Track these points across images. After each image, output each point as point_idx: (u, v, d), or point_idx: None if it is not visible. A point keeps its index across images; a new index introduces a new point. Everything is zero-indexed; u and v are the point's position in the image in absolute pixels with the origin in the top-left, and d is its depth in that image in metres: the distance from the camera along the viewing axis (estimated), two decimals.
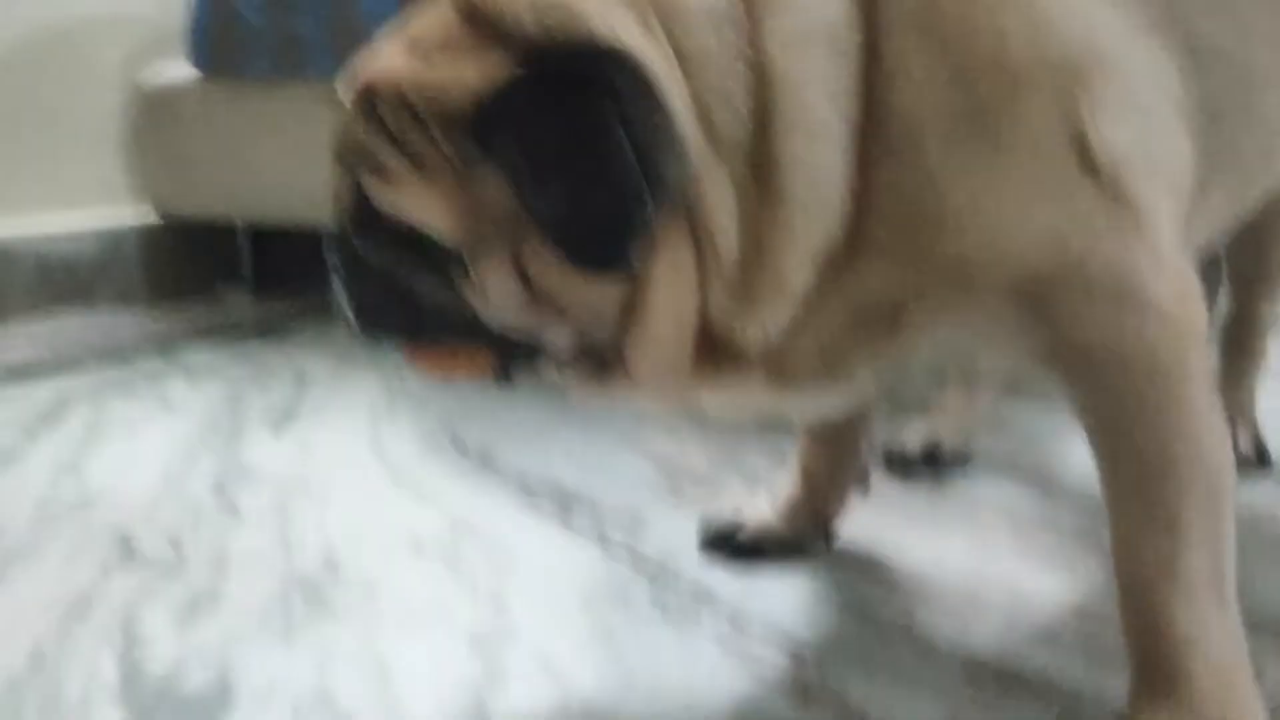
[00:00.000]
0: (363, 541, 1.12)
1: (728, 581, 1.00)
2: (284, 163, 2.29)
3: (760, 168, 0.71)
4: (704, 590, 0.98)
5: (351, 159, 0.73)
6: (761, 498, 1.07)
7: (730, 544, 1.04)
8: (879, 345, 0.76)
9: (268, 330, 2.25)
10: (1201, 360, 0.72)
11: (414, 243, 0.71)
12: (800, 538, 1.04)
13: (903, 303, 0.74)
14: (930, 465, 1.21)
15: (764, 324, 0.74)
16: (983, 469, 1.22)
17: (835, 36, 0.71)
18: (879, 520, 1.09)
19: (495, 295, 0.71)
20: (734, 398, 0.80)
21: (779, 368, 0.77)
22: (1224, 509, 0.70)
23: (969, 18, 0.71)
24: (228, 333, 2.23)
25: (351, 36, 2.02)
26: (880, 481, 1.18)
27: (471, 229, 0.70)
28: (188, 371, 1.90)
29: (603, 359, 0.75)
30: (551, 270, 0.70)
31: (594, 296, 0.71)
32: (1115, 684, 0.78)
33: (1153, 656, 0.70)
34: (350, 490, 1.28)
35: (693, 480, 1.25)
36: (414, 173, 0.70)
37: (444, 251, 0.71)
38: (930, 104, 0.70)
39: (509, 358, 0.76)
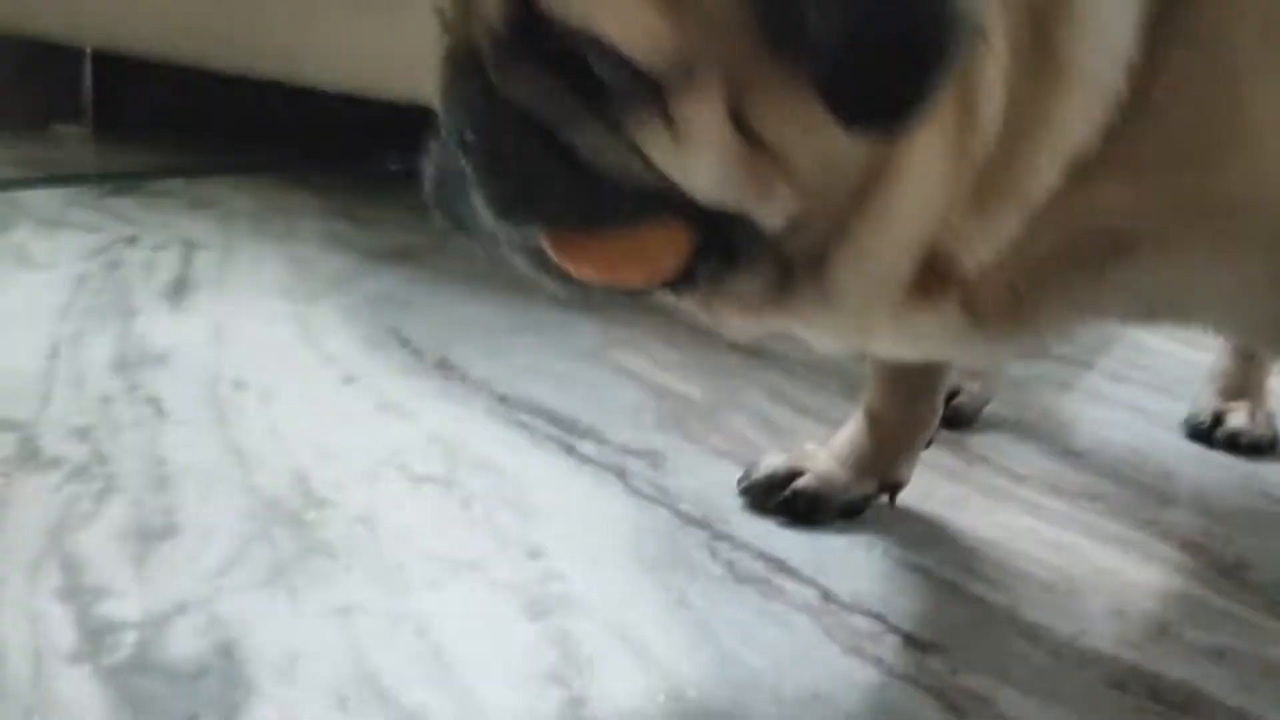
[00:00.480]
0: (334, 459, 0.92)
1: (789, 539, 0.87)
2: None
3: (1045, 24, 0.55)
4: (771, 553, 0.84)
5: None
6: (812, 446, 0.94)
7: (783, 495, 0.90)
8: (1079, 288, 0.63)
9: (118, 178, 1.93)
10: None
11: (587, 69, 0.51)
12: (865, 494, 0.91)
13: (1129, 237, 0.60)
14: (950, 426, 1.11)
15: (988, 239, 0.59)
16: (1007, 436, 1.13)
17: None
18: (921, 482, 0.98)
19: (701, 144, 0.52)
20: (915, 337, 0.66)
21: (971, 303, 0.63)
22: None
23: None
24: (71, 180, 1.89)
25: None
26: None
27: (682, 44, 0.50)
28: (37, 221, 1.59)
29: (792, 267, 0.59)
30: (783, 112, 0.52)
31: (833, 155, 0.53)
32: (1258, 697, 0.71)
33: None
34: (293, 388, 1.07)
35: (694, 413, 1.10)
36: None
37: (632, 81, 0.51)
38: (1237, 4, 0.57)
39: (709, 241, 0.56)
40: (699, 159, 0.52)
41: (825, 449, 0.92)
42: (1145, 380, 1.32)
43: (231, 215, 1.74)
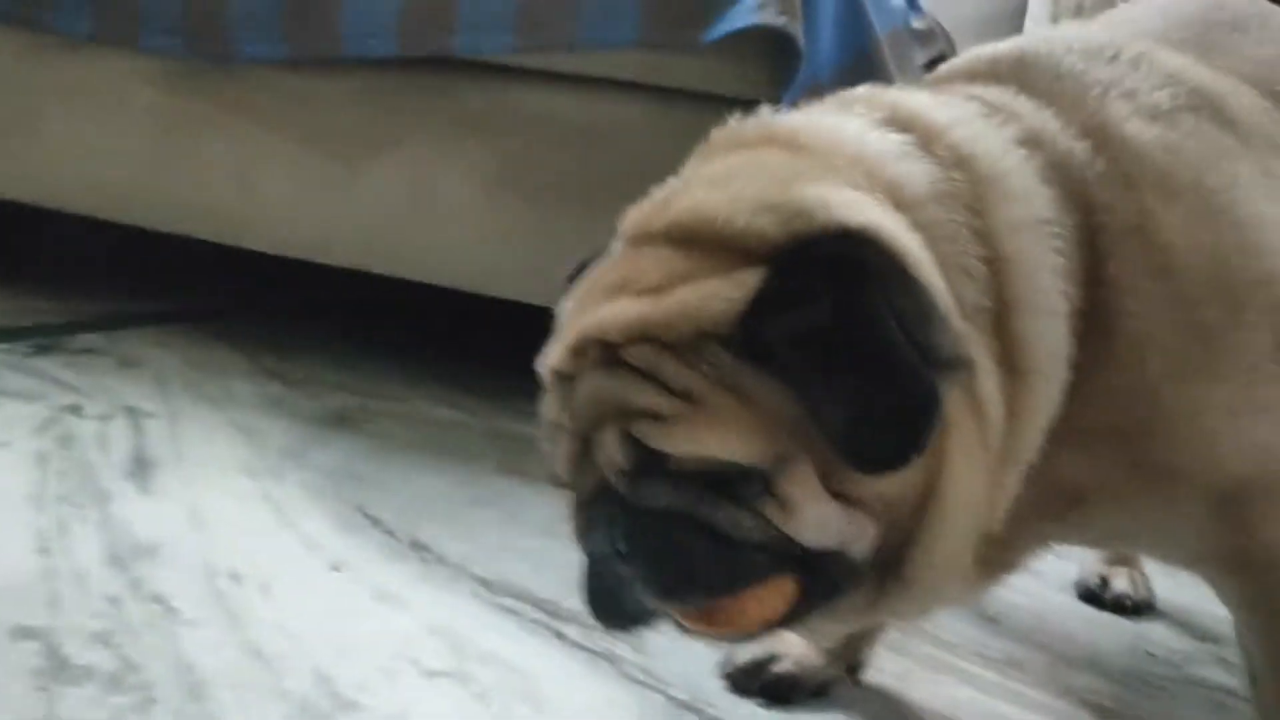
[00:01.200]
0: (349, 655, 0.99)
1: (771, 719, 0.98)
2: (76, 142, 1.98)
3: (1005, 345, 0.70)
4: None
5: (609, 415, 0.67)
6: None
7: (764, 679, 1.01)
8: (1049, 529, 0.78)
9: (36, 333, 1.93)
10: None
11: (709, 477, 0.66)
12: (834, 675, 1.03)
13: (1089, 491, 0.76)
14: None
15: (1005, 503, 0.73)
16: None
17: (1050, 228, 0.72)
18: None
19: (805, 509, 0.66)
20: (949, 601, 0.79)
21: (979, 562, 0.76)
22: None
23: (1187, 233, 0.74)
24: None
25: (207, 14, 1.78)
26: None
27: (767, 446, 0.65)
28: None
29: (884, 572, 0.71)
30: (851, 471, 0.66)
31: (895, 486, 0.67)
32: None
33: None
34: (287, 579, 1.12)
35: None
36: (691, 406, 0.65)
37: (743, 478, 0.66)
38: (1154, 319, 0.73)
39: (817, 585, 0.69)
40: (804, 518, 0.66)
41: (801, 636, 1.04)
42: None
43: (164, 376, 1.77)
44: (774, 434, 0.65)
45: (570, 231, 1.63)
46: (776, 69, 1.45)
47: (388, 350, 2.10)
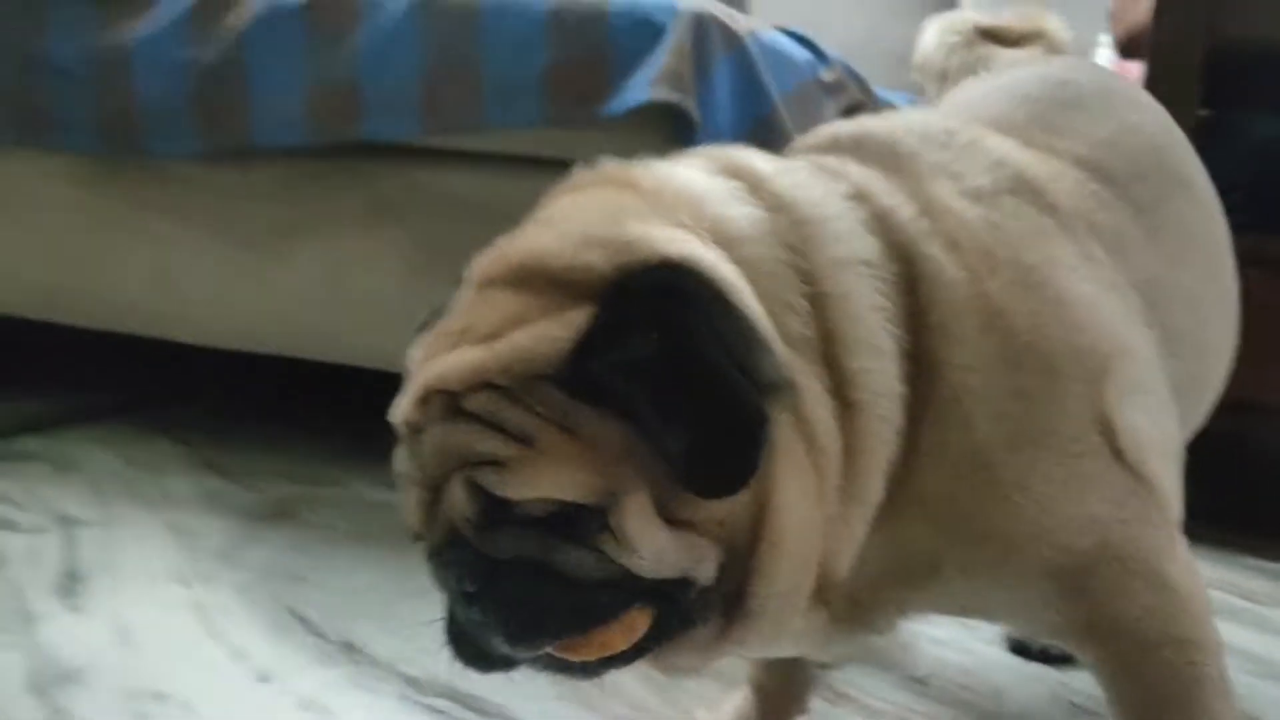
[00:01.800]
0: None
1: None
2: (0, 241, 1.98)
3: (835, 378, 0.73)
4: None
5: (453, 464, 0.68)
6: (703, 715, 1.07)
7: None
8: (906, 599, 0.80)
9: None
10: (1216, 635, 0.81)
11: (551, 519, 0.67)
12: None
13: (938, 561, 0.78)
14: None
15: (850, 544, 0.75)
16: (860, 669, 1.29)
17: (871, 271, 0.75)
18: None
19: (643, 541, 0.67)
20: (799, 641, 0.81)
21: (830, 606, 0.78)
22: None
23: (1005, 298, 0.77)
24: None
25: (118, 113, 1.79)
26: None
27: (601, 482, 0.66)
28: None
29: (730, 604, 0.72)
30: (686, 498, 0.68)
31: (727, 508, 0.68)
32: None
33: None
34: (211, 695, 1.13)
35: (594, 685, 1.22)
36: (527, 449, 0.66)
37: (584, 516, 0.67)
38: (979, 377, 0.75)
39: (666, 615, 0.71)
40: (642, 550, 0.67)
41: (715, 719, 1.06)
42: None
43: (100, 480, 1.77)
44: (607, 469, 0.66)
45: None
46: (676, 141, 1.48)
47: (329, 434, 2.10)
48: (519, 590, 0.67)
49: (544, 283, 0.69)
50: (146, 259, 1.86)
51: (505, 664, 0.72)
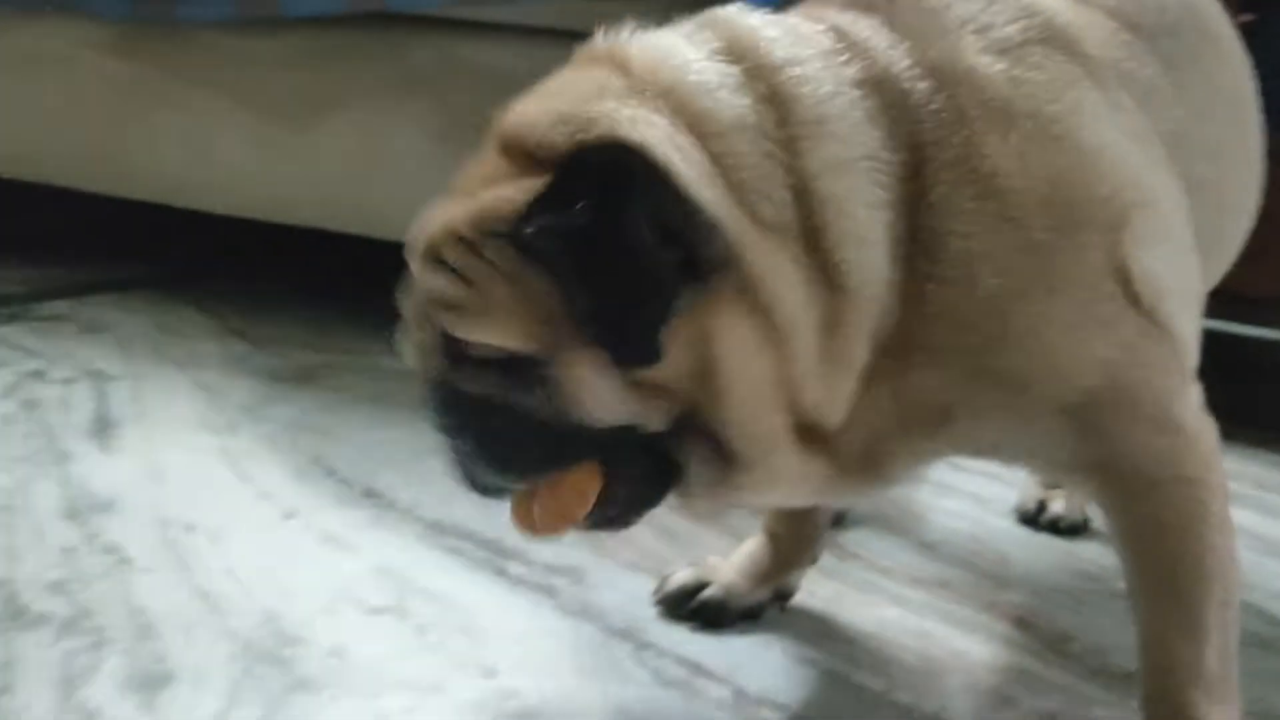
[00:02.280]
0: (295, 596, 1.03)
1: (701, 644, 1.02)
2: (28, 111, 2.00)
3: (818, 264, 0.75)
4: (688, 657, 0.99)
5: (428, 309, 0.75)
6: (715, 560, 1.10)
7: (693, 605, 1.06)
8: (922, 442, 0.82)
9: (3, 305, 1.96)
10: (1221, 476, 0.82)
11: (501, 363, 0.73)
12: (761, 601, 1.08)
13: (951, 406, 0.80)
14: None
15: (837, 400, 0.77)
16: (872, 532, 1.32)
17: (873, 164, 0.76)
18: (805, 580, 1.15)
19: (589, 395, 0.72)
20: (804, 484, 0.83)
21: (837, 456, 0.81)
22: (1235, 613, 0.82)
23: (1015, 159, 0.77)
24: None
25: None
26: None
27: (542, 334, 0.72)
28: None
29: (714, 450, 0.75)
30: None
31: (666, 371, 0.72)
32: None
33: None
34: (239, 527, 1.17)
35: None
36: (477, 297, 0.73)
37: (527, 364, 0.72)
38: (980, 238, 0.76)
39: (624, 474, 0.76)
40: (584, 401, 0.73)
41: (729, 563, 1.09)
42: (982, 469, 1.52)
43: (128, 341, 1.81)
44: (547, 324, 0.71)
45: None
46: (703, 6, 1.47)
47: (354, 307, 2.13)
48: (486, 426, 0.74)
49: (520, 152, 0.75)
50: (178, 128, 1.87)
51: (498, 492, 0.79)
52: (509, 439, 0.74)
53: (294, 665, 0.92)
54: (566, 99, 0.75)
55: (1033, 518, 1.38)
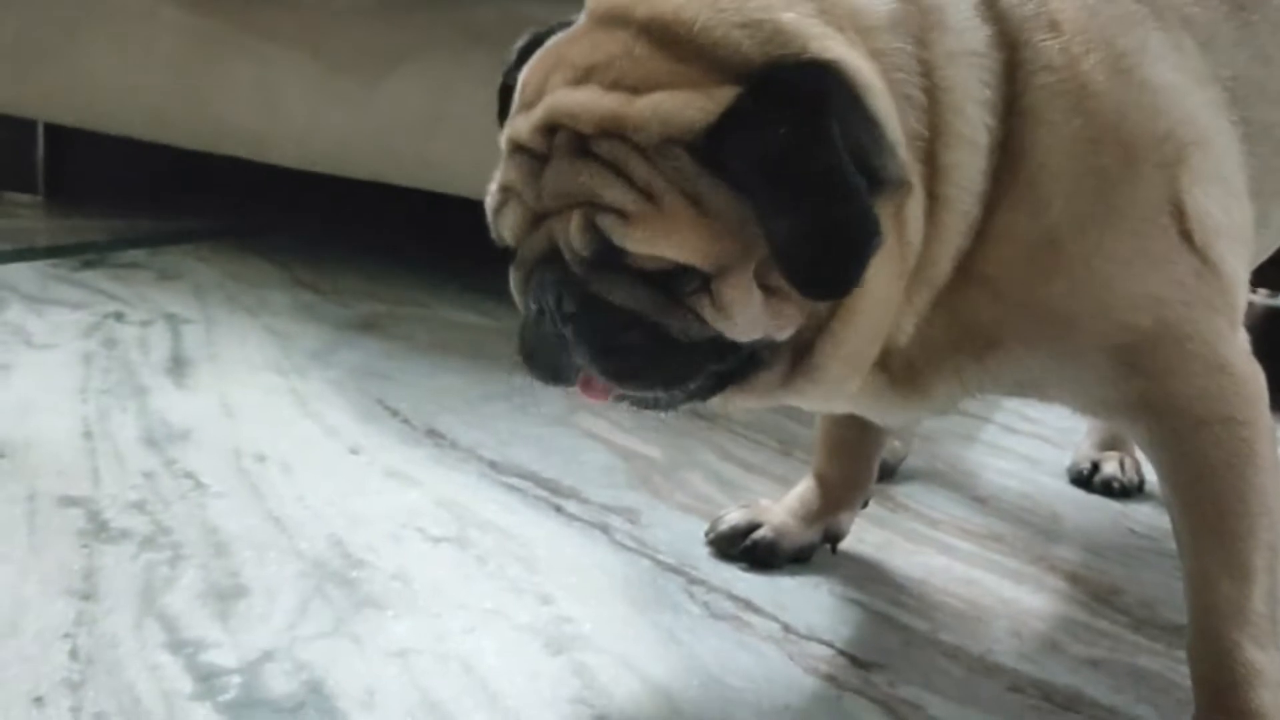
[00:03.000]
0: (361, 524, 1.07)
1: (751, 582, 1.04)
2: (109, 63, 2.06)
3: (930, 171, 0.75)
4: (738, 594, 1.02)
5: (574, 201, 0.72)
6: (767, 502, 1.12)
7: (745, 544, 1.08)
8: (967, 368, 0.83)
9: (82, 249, 2.03)
10: (1269, 418, 0.82)
11: (659, 275, 0.71)
12: (812, 542, 1.10)
13: (999, 333, 0.80)
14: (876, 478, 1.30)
15: (911, 318, 0.79)
16: (922, 485, 1.33)
17: (982, 60, 0.77)
18: (855, 528, 1.17)
19: (741, 312, 0.72)
20: (857, 401, 0.85)
21: (887, 367, 0.82)
22: None
23: (1095, 79, 0.78)
24: (40, 253, 1.99)
25: None
26: None
27: (716, 253, 0.70)
28: (23, 297, 1.69)
29: (796, 356, 0.77)
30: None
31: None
32: (1128, 697, 0.91)
33: (1223, 687, 0.80)
34: (308, 460, 1.21)
35: (658, 472, 1.28)
36: (652, 207, 0.70)
37: (691, 278, 0.71)
38: (1059, 158, 0.77)
39: (731, 373, 0.76)
40: (736, 318, 0.72)
41: (779, 504, 1.11)
42: (1035, 432, 1.54)
43: (202, 288, 1.87)
44: (721, 240, 0.70)
45: None
46: None
47: (416, 261, 2.18)
48: (620, 335, 0.72)
49: (689, 49, 0.71)
50: (249, 80, 1.92)
51: (573, 379, 0.77)
52: (641, 354, 0.73)
53: (360, 585, 0.96)
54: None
55: (1086, 479, 1.39)
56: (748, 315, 0.72)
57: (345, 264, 2.10)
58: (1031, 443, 1.50)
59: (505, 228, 0.76)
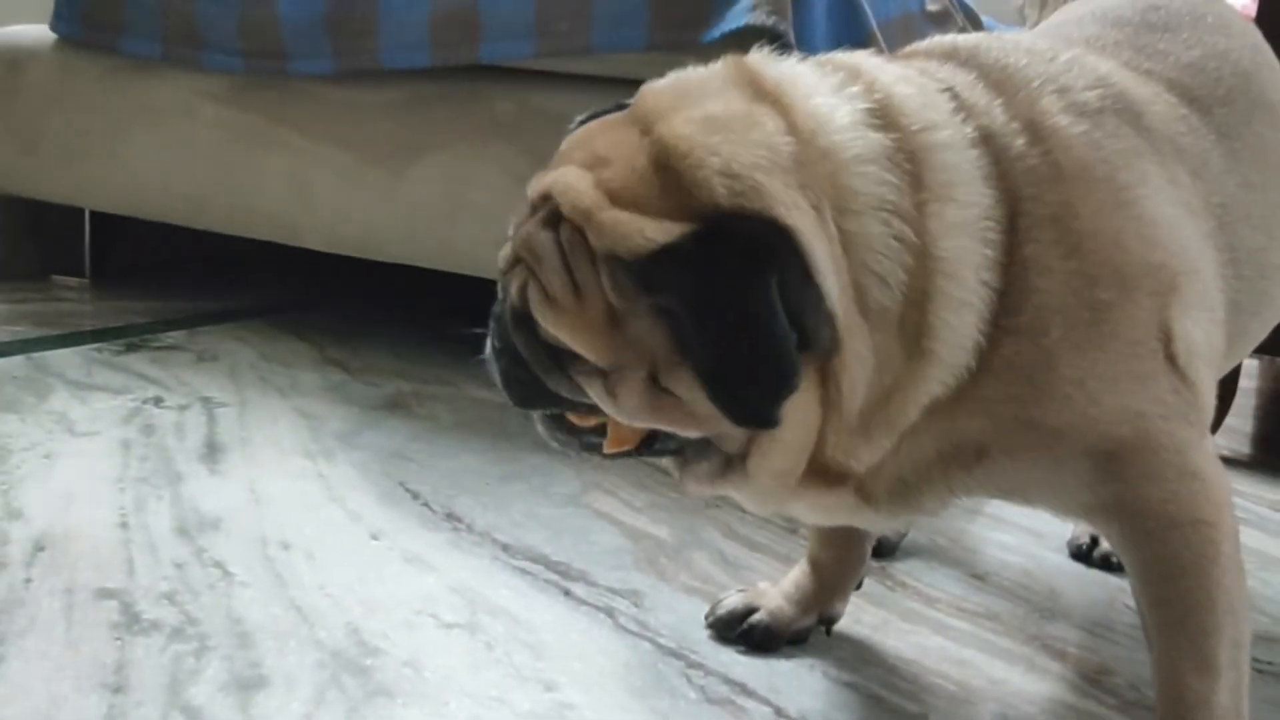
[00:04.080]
0: (378, 611, 1.13)
1: (747, 665, 1.09)
2: (153, 156, 2.17)
3: (910, 330, 0.81)
4: (734, 678, 1.06)
5: (526, 262, 0.81)
6: (765, 585, 1.17)
7: (742, 628, 1.13)
8: (955, 479, 0.88)
9: (124, 332, 2.13)
10: (1233, 521, 0.87)
11: (558, 350, 0.81)
12: (807, 626, 1.14)
13: (987, 448, 0.86)
14: (876, 556, 1.34)
15: (872, 452, 0.84)
16: (923, 562, 1.37)
17: (987, 224, 0.82)
18: (852, 607, 1.21)
19: (626, 405, 0.80)
20: (822, 510, 0.90)
21: (864, 488, 0.87)
22: (1247, 651, 0.86)
23: (1095, 220, 0.83)
24: (85, 337, 2.09)
25: (261, 34, 1.95)
26: None
27: (614, 358, 0.79)
28: (67, 383, 1.79)
29: (725, 459, 0.84)
30: (690, 392, 0.78)
31: (725, 423, 0.79)
32: None
33: None
34: (330, 546, 1.28)
35: (664, 553, 1.33)
36: (574, 302, 0.79)
37: (584, 363, 0.80)
38: (1059, 294, 0.82)
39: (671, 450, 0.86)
40: (625, 404, 0.80)
41: (776, 589, 1.15)
42: None
43: (237, 369, 1.95)
44: (625, 350, 0.78)
45: None
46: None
47: (438, 337, 2.26)
48: (520, 375, 0.84)
49: (673, 183, 0.77)
50: (283, 171, 2.02)
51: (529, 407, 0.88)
52: (537, 390, 0.84)
53: (373, 674, 1.02)
54: (732, 147, 0.77)
55: (1085, 554, 1.42)
56: (634, 408, 0.80)
57: (374, 342, 2.18)
58: (1035, 516, 1.53)
59: (500, 257, 0.86)
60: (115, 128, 2.20)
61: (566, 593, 1.21)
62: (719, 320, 0.75)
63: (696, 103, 0.81)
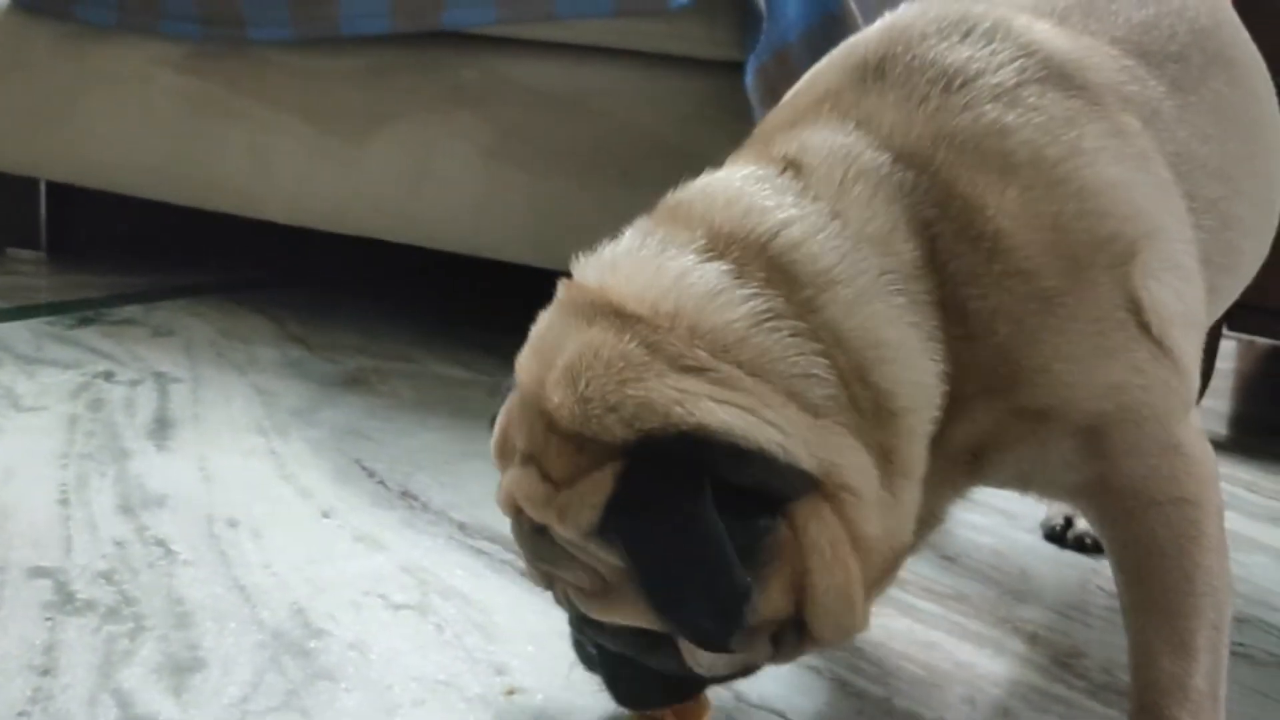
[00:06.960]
0: (324, 591, 1.09)
1: None
2: (109, 125, 2.11)
3: (870, 401, 0.76)
4: None
5: (549, 572, 0.80)
6: None
7: None
8: (959, 483, 0.85)
9: (80, 306, 2.07)
10: (1218, 499, 0.84)
11: (633, 632, 0.78)
12: None
13: (982, 446, 0.82)
14: None
15: (909, 511, 0.80)
16: None
17: (888, 277, 0.77)
18: None
19: (703, 657, 0.79)
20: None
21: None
22: (1226, 634, 0.83)
23: (1022, 210, 0.78)
24: (39, 310, 2.03)
25: (221, 3, 1.89)
26: None
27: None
28: (16, 357, 1.73)
29: (796, 633, 0.79)
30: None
31: (770, 611, 0.75)
32: None
33: None
34: (279, 524, 1.23)
35: None
36: (600, 583, 0.76)
37: (655, 634, 0.78)
38: (993, 296, 0.78)
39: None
40: (704, 661, 0.80)
41: None
42: None
43: (194, 344, 1.90)
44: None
45: (561, 194, 1.71)
46: (744, 31, 1.50)
47: (401, 311, 2.21)
48: (619, 672, 0.84)
49: (576, 442, 0.73)
50: (242, 141, 1.97)
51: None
52: (640, 684, 0.84)
53: (316, 656, 0.97)
54: (595, 378, 0.73)
55: (1059, 535, 1.39)
56: (713, 660, 0.79)
57: (335, 316, 2.13)
58: (1007, 496, 1.50)
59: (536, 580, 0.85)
60: (70, 96, 2.13)
61: (522, 573, 1.17)
62: (656, 556, 0.72)
63: (550, 357, 0.77)
